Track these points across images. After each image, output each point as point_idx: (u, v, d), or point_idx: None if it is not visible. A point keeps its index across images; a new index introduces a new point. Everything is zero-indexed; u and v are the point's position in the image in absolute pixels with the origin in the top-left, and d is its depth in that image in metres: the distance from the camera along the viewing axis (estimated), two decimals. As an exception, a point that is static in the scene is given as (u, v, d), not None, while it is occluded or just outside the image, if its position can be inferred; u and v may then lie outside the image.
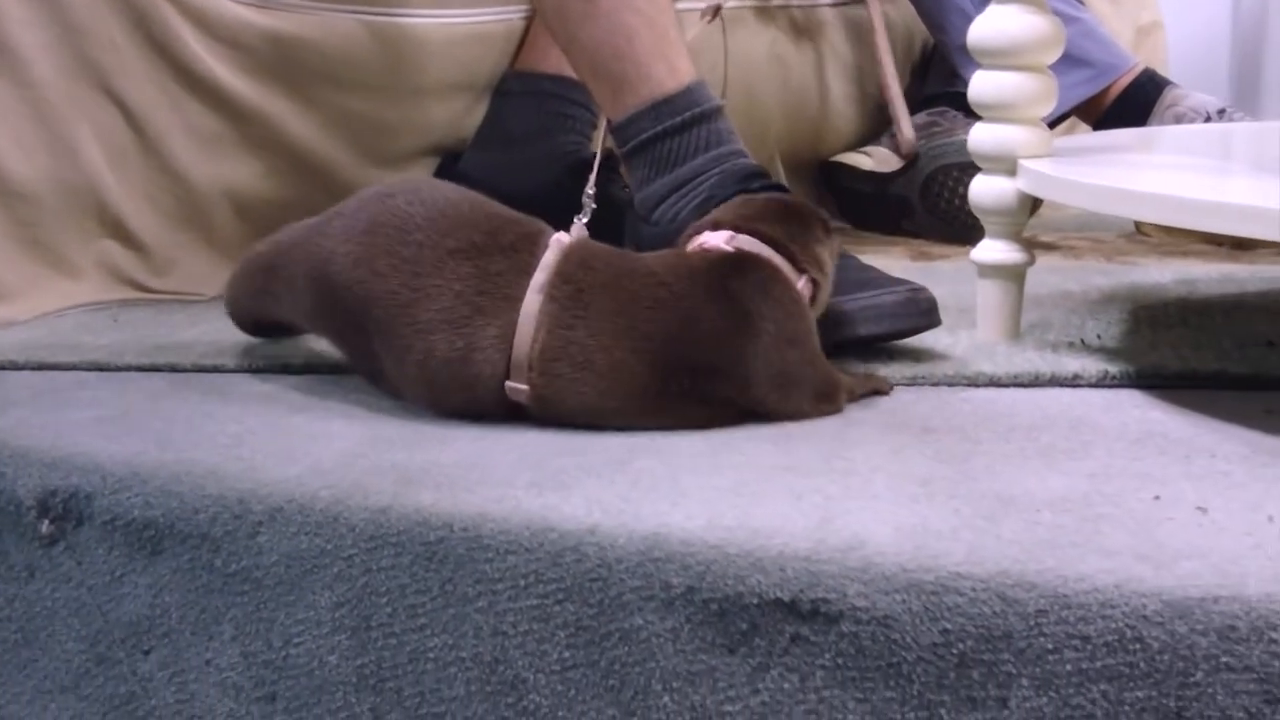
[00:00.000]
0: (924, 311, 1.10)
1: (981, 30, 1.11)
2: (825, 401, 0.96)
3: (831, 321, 1.08)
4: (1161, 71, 2.12)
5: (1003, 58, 1.11)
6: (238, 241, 1.40)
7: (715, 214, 1.04)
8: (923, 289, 1.10)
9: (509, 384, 0.93)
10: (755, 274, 0.96)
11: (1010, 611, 0.68)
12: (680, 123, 1.21)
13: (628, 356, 0.92)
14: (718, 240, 0.99)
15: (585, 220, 1.06)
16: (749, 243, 0.98)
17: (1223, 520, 0.75)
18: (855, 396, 0.99)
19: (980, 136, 1.13)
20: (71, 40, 1.24)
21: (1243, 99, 2.91)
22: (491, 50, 1.51)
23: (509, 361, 0.92)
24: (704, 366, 0.93)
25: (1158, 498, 0.78)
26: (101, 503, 0.87)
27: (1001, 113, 1.11)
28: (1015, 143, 1.11)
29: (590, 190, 1.12)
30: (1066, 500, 0.78)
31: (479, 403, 0.94)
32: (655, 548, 0.74)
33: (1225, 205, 0.91)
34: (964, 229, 1.67)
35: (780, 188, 1.22)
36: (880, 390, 1.01)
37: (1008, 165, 1.11)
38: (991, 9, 1.11)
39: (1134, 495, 0.79)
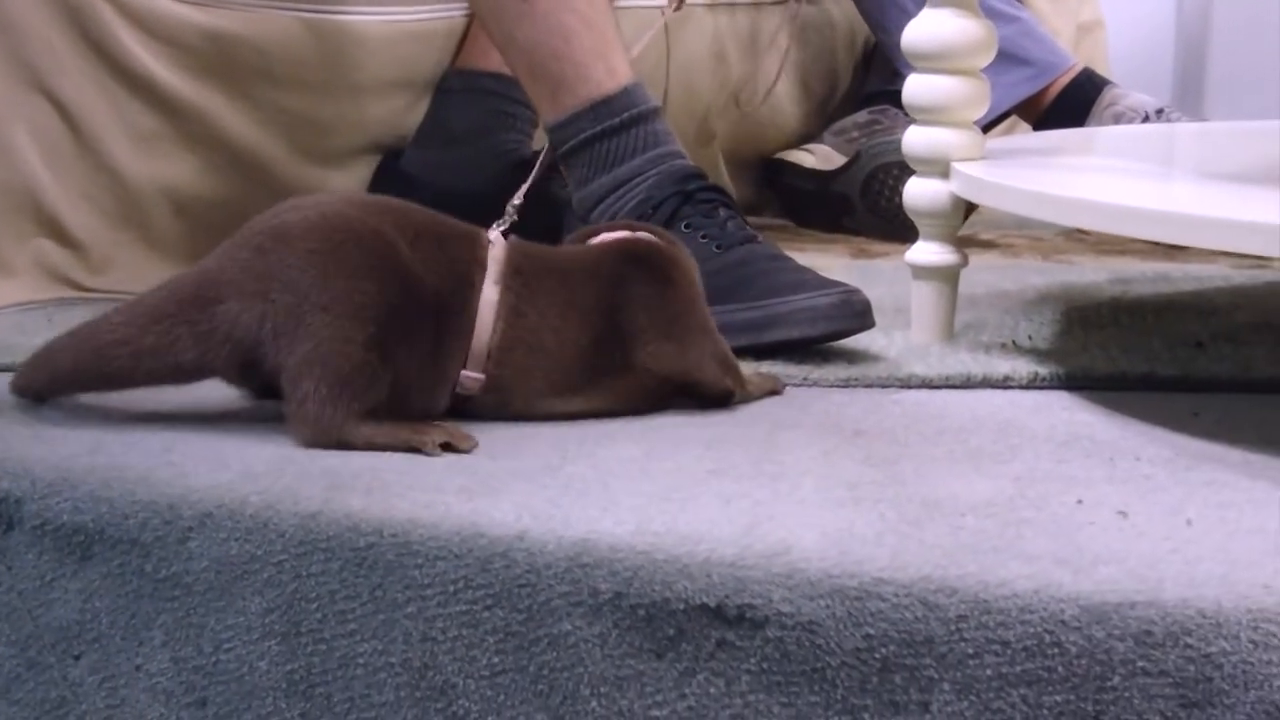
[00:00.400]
0: (858, 314, 1.10)
1: (915, 34, 1.12)
2: (725, 368, 1.00)
3: (766, 323, 1.09)
4: (1103, 69, 2.14)
5: (936, 61, 1.12)
6: (175, 239, 1.39)
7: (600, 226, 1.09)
8: (857, 291, 1.11)
9: (465, 374, 0.95)
10: (661, 251, 1.01)
11: (932, 617, 0.69)
12: (618, 123, 1.21)
13: (572, 331, 0.97)
14: (617, 234, 1.03)
15: (503, 229, 1.06)
16: (646, 232, 1.04)
17: (1143, 524, 0.76)
18: (753, 394, 1.02)
19: (914, 139, 1.14)
20: (6, 39, 1.24)
21: (1186, 97, 2.93)
22: (432, 48, 1.51)
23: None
24: (631, 331, 0.97)
25: (1080, 501, 0.80)
26: (31, 507, 0.86)
27: (935, 115, 1.12)
28: (948, 145, 1.12)
29: (516, 201, 1.12)
30: (991, 504, 0.79)
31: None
32: (584, 554, 0.75)
33: (1160, 213, 0.92)
34: (904, 227, 1.67)
35: (718, 189, 1.23)
36: (775, 391, 1.04)
37: (941, 168, 1.12)
38: (924, 13, 1.12)
39: (1057, 499, 0.80)
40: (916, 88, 1.13)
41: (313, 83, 1.43)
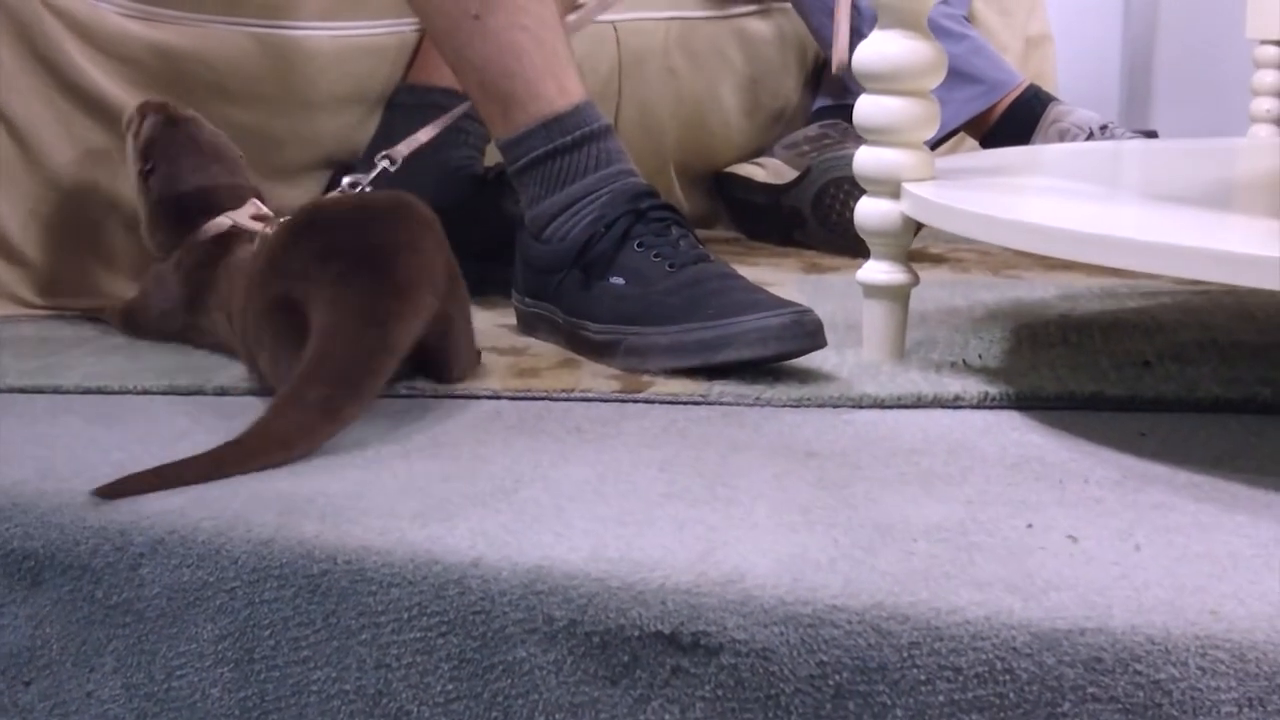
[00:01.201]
0: (809, 334, 1.11)
1: (865, 55, 1.13)
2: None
3: (719, 343, 1.10)
4: (1051, 83, 2.16)
5: (886, 82, 1.12)
6: (124, 255, 1.38)
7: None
8: (809, 311, 1.11)
9: None
10: None
11: (885, 644, 0.69)
12: (570, 141, 1.22)
13: None
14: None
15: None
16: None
17: (1092, 549, 0.77)
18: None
19: (864, 159, 1.15)
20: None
21: (1133, 112, 2.97)
22: (383, 63, 1.51)
23: None
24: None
25: (1030, 526, 0.80)
26: (-20, 534, 0.86)
27: (885, 136, 1.13)
28: (898, 166, 1.13)
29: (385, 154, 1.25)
30: (942, 529, 0.80)
31: None
32: (538, 580, 0.75)
33: (1109, 239, 0.92)
34: (855, 241, 1.67)
35: (670, 207, 1.23)
36: None
37: (892, 188, 1.13)
38: (874, 34, 1.13)
39: (1008, 523, 0.81)
40: (867, 108, 1.14)
41: (264, 98, 1.42)
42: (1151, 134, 2.39)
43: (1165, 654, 0.67)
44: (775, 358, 1.11)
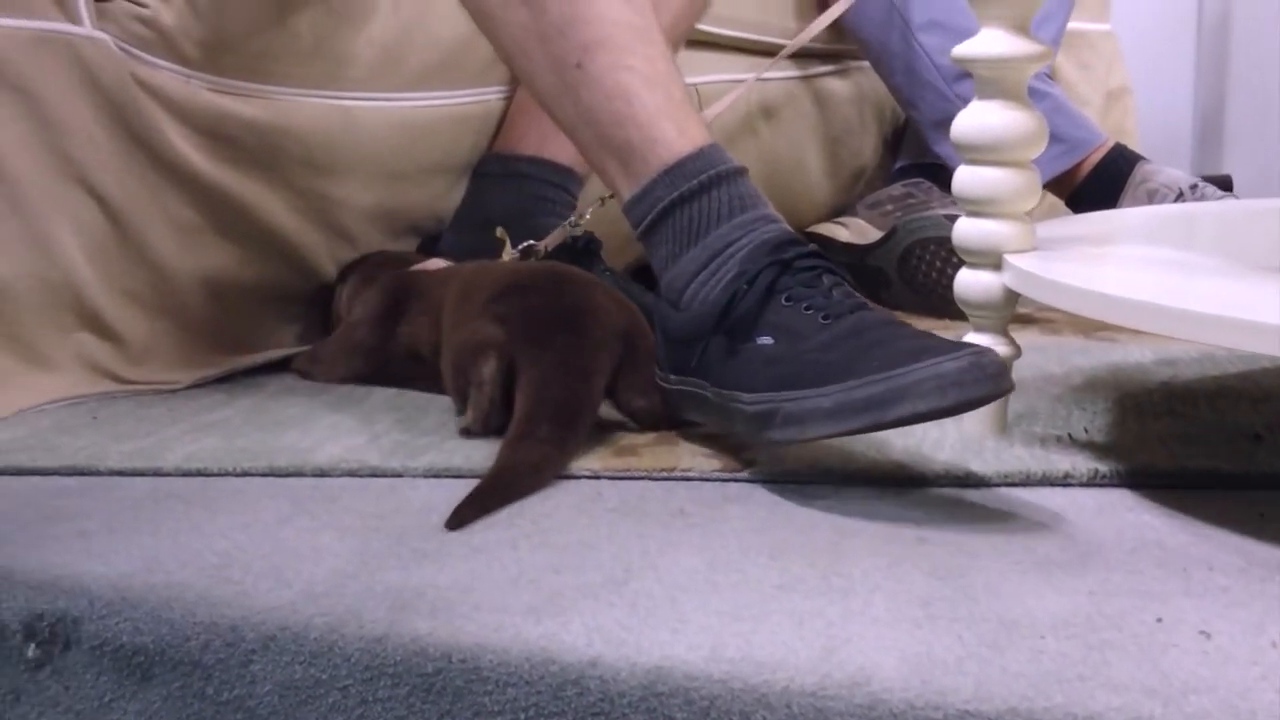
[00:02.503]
0: (992, 376, 0.96)
1: (964, 126, 1.11)
2: None
3: (891, 397, 0.96)
4: (1132, 136, 2.15)
5: (986, 153, 1.11)
6: (210, 327, 1.39)
7: None
8: (988, 351, 0.98)
9: None
10: None
11: (1020, 751, 0.67)
12: (698, 185, 1.11)
13: None
14: None
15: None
16: None
17: (1227, 646, 0.74)
18: None
19: (964, 231, 1.13)
20: (48, 136, 1.23)
21: (1205, 158, 2.94)
22: (469, 132, 1.51)
23: None
24: None
25: (1160, 620, 0.78)
26: (89, 627, 0.85)
27: (985, 208, 1.11)
28: (999, 237, 1.11)
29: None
30: (1069, 624, 0.78)
31: None
32: (658, 681, 0.73)
33: (1232, 321, 0.88)
34: (942, 302, 1.68)
35: (819, 254, 1.12)
36: None
37: (992, 260, 1.11)
38: (974, 105, 1.11)
39: (1136, 617, 0.79)
40: (967, 179, 1.12)
41: (353, 169, 1.43)
42: (1226, 180, 2.36)
43: (1315, 763, 0.64)
44: (955, 408, 0.96)
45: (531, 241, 1.38)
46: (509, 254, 1.38)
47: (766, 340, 1.06)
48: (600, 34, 1.12)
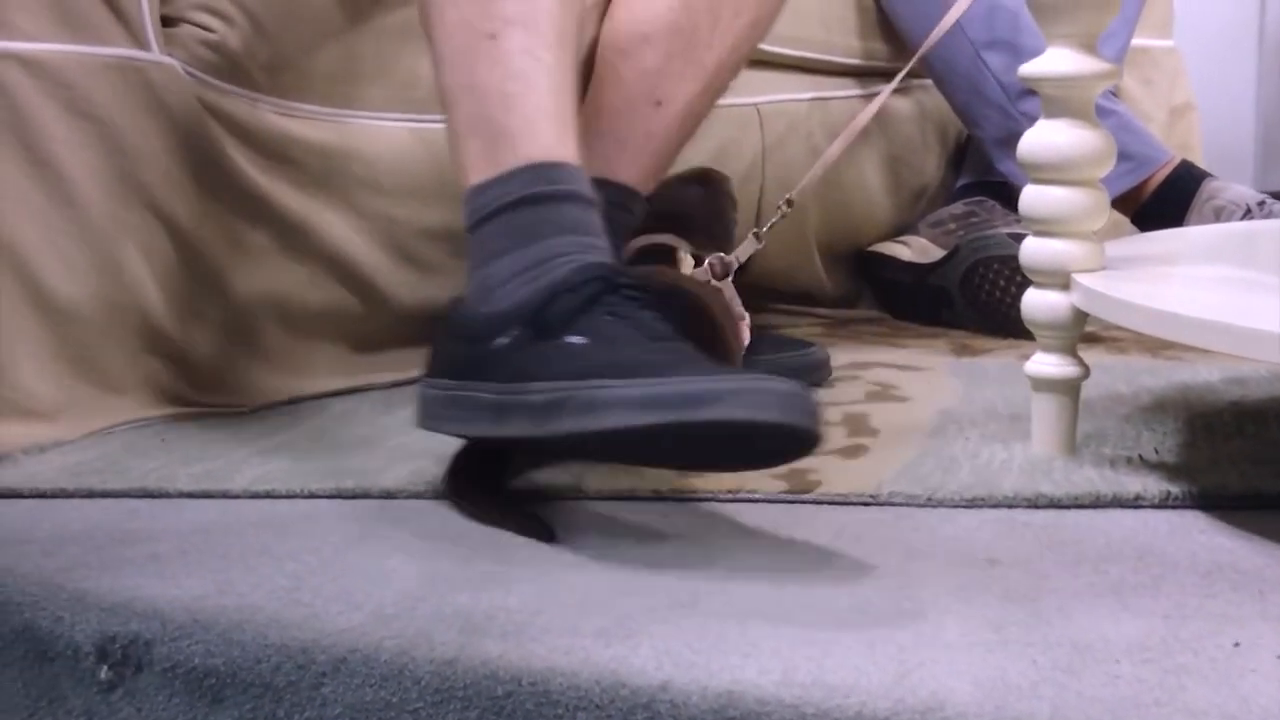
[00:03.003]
0: (810, 413, 0.91)
1: (1032, 145, 1.11)
2: None
3: (707, 397, 0.89)
4: (1196, 152, 2.13)
5: (1053, 172, 1.10)
6: (277, 350, 1.40)
7: None
8: (812, 394, 0.93)
9: None
10: None
11: (1097, 777, 0.67)
12: (554, 192, 1.03)
13: None
14: None
15: None
16: None
17: (1307, 671, 0.73)
18: None
19: (1032, 250, 1.12)
20: (117, 161, 1.24)
21: (1269, 173, 2.92)
22: (533, 153, 1.51)
23: None
24: None
25: (1237, 644, 0.77)
26: (161, 650, 0.86)
27: (1053, 227, 1.11)
28: (1067, 257, 1.10)
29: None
30: (1144, 648, 0.77)
31: None
32: (730, 706, 0.73)
33: None
34: (1005, 321, 1.67)
35: (649, 290, 1.03)
36: None
37: (1060, 280, 1.10)
38: (1041, 124, 1.10)
39: (1212, 641, 0.78)
40: (1034, 199, 1.11)
41: (417, 191, 1.43)
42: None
43: (1401, 792, 0.63)
44: (768, 426, 0.89)
45: (721, 255, 1.39)
46: (689, 267, 1.38)
47: (578, 339, 0.98)
48: (526, 14, 1.06)
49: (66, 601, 0.90)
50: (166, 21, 1.29)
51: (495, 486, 1.06)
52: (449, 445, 1.07)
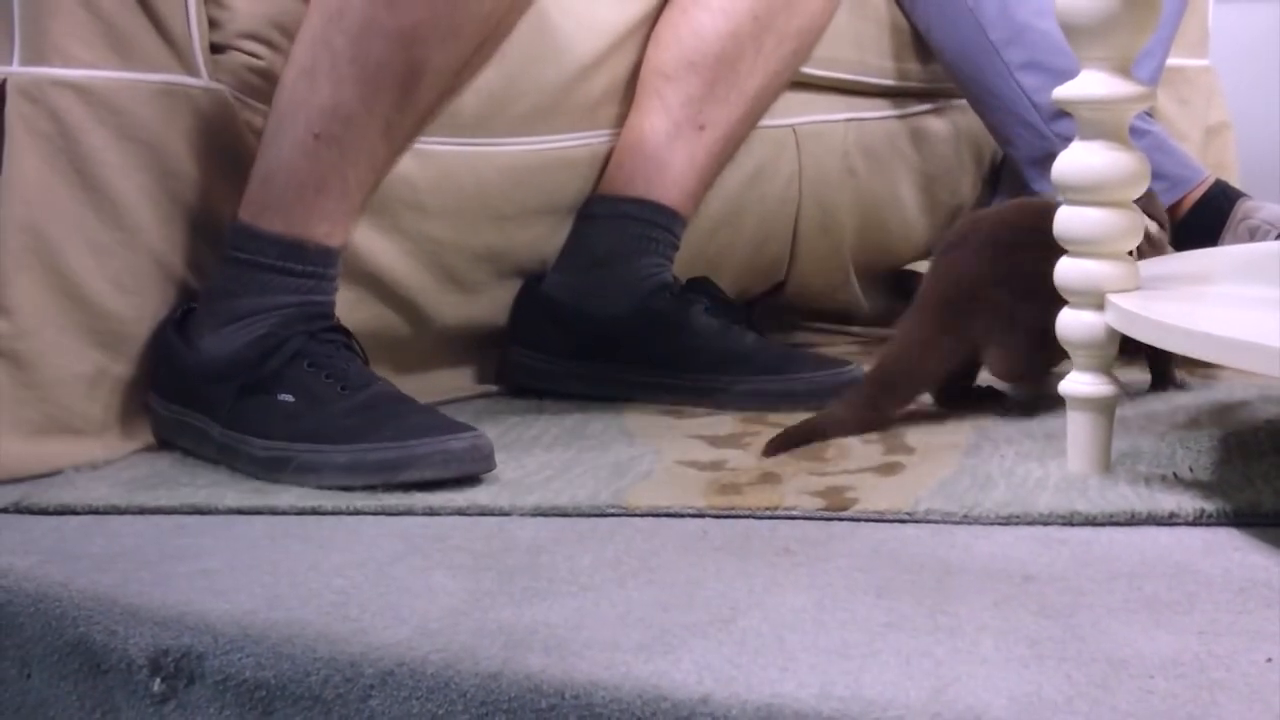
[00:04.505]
0: (485, 457, 1.16)
1: (1066, 166, 1.12)
2: None
3: (403, 463, 1.14)
4: (1232, 171, 2.13)
5: (1087, 193, 1.11)
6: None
7: None
8: (483, 435, 1.17)
9: None
10: None
11: (1131, 790, 0.68)
12: (299, 270, 1.23)
13: None
14: None
15: None
16: None
17: (1339, 687, 0.74)
18: None
19: (1067, 271, 1.13)
20: (169, 184, 1.27)
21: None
22: (575, 175, 1.54)
23: None
24: None
25: (1270, 660, 0.78)
26: (213, 663, 0.88)
27: (1087, 248, 1.12)
28: (1102, 277, 1.12)
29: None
30: (1178, 664, 0.78)
31: None
32: (769, 719, 0.74)
33: None
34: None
35: (343, 330, 1.26)
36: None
37: (1095, 300, 1.12)
38: (1076, 145, 1.12)
39: (1246, 657, 0.79)
40: (1069, 219, 1.12)
41: (461, 213, 1.46)
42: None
43: None
44: (455, 479, 1.14)
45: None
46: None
47: (287, 398, 1.19)
48: (344, 110, 1.20)
49: (120, 615, 0.92)
50: (215, 49, 1.31)
51: None
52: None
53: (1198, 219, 1.79)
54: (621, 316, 1.49)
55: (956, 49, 1.84)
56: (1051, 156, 1.14)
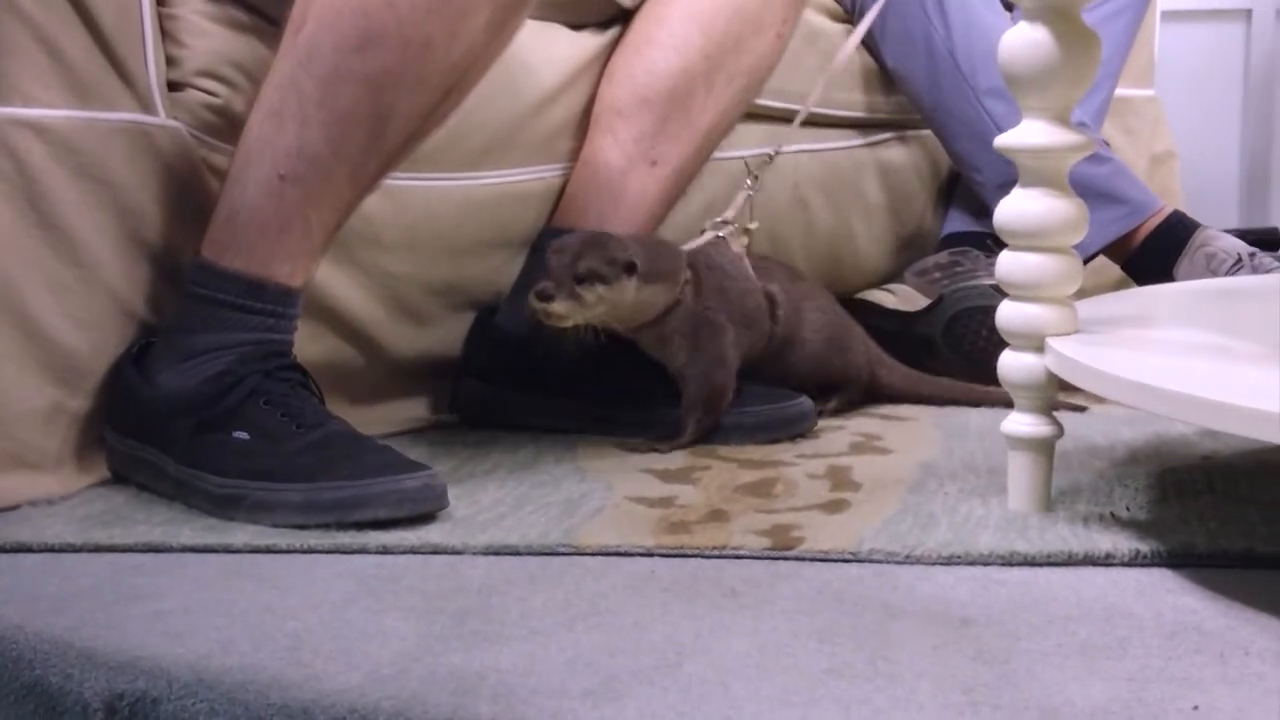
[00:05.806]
0: (438, 496, 1.18)
1: (1006, 213, 1.15)
2: None
3: (355, 502, 1.16)
4: (1177, 199, 2.17)
5: (1027, 239, 1.14)
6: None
7: None
8: (436, 474, 1.19)
9: None
10: None
11: (1058, 840, 0.70)
12: (258, 309, 1.24)
13: None
14: None
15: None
16: None
17: (1260, 736, 0.77)
18: None
19: (1007, 314, 1.16)
20: (126, 221, 1.28)
21: (1253, 214, 2.96)
22: (529, 208, 1.56)
23: None
24: None
25: (1196, 708, 0.81)
26: (167, 708, 0.89)
27: (1028, 292, 1.15)
28: (1042, 321, 1.14)
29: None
30: (1108, 712, 0.80)
31: None
32: (711, 768, 0.77)
33: (1271, 415, 0.91)
34: (989, 369, 1.69)
35: (299, 368, 1.27)
36: None
37: (1035, 343, 1.14)
38: (1016, 192, 1.15)
39: (1173, 705, 0.81)
40: (1010, 265, 1.15)
41: (416, 246, 1.48)
42: (1272, 232, 2.37)
43: None
44: (408, 518, 1.16)
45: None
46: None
47: (243, 435, 1.21)
48: (309, 152, 1.21)
49: (75, 659, 0.94)
50: (173, 86, 1.33)
51: None
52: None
53: (1154, 246, 1.82)
54: (576, 348, 1.50)
55: (923, 77, 1.86)
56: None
